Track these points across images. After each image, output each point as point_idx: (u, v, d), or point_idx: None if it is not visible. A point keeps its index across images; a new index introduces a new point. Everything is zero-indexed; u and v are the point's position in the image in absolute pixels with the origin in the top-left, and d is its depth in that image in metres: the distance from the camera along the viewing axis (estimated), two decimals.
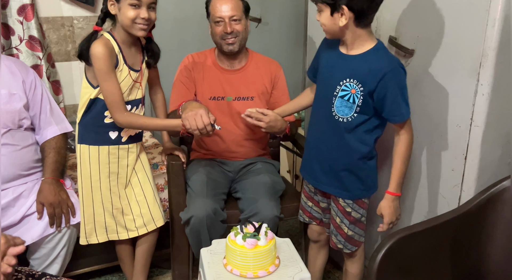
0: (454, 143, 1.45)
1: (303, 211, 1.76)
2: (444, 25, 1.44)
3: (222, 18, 1.78)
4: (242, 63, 1.92)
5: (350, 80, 1.41)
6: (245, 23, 1.84)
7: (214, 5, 1.80)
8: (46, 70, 2.39)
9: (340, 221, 1.57)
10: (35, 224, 1.64)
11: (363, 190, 1.54)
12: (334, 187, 1.55)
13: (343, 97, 1.43)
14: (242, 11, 1.81)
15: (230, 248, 1.35)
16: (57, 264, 1.72)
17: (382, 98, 1.38)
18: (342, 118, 1.45)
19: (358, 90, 1.40)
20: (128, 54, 1.63)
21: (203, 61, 1.92)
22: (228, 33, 1.78)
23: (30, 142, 1.71)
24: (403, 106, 1.39)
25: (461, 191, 1.45)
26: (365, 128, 1.45)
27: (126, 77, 1.61)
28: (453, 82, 1.43)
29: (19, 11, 2.27)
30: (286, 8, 3.01)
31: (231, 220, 1.79)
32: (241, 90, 1.89)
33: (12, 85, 1.67)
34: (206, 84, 1.89)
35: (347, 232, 1.57)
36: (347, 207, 1.55)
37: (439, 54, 1.47)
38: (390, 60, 1.39)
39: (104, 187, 1.70)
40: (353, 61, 1.41)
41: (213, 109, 1.83)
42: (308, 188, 1.70)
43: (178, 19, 2.77)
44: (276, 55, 3.08)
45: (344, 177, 1.52)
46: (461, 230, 1.38)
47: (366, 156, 1.49)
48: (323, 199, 1.66)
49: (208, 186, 1.73)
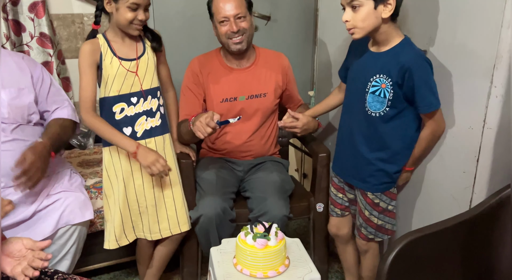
0: (466, 145, 1.44)
1: (334, 205, 1.77)
2: (457, 25, 1.42)
3: (226, 18, 1.75)
4: (251, 60, 1.90)
5: (380, 75, 1.46)
6: (250, 19, 1.81)
7: (216, 5, 1.77)
8: (57, 67, 2.40)
9: (369, 213, 1.60)
10: (46, 220, 1.66)
11: (392, 182, 1.58)
12: (363, 182, 1.59)
13: (374, 92, 1.48)
14: (245, 7, 1.78)
15: (240, 248, 1.35)
16: (67, 260, 1.73)
17: (410, 90, 1.43)
18: (375, 112, 1.50)
19: (388, 84, 1.45)
20: (120, 45, 1.67)
21: (210, 63, 1.89)
22: (235, 32, 1.76)
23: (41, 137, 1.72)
24: (429, 97, 1.43)
25: (472, 193, 1.44)
26: (400, 121, 1.50)
27: (118, 69, 1.65)
28: (466, 84, 1.42)
29: (30, 8, 2.28)
30: (295, 6, 3.00)
31: (240, 219, 1.79)
32: (253, 88, 1.88)
33: (21, 80, 1.69)
34: (216, 87, 1.87)
35: (377, 222, 1.60)
36: (375, 199, 1.58)
37: (451, 55, 1.46)
38: (415, 54, 1.43)
39: (129, 187, 1.72)
40: (381, 57, 1.47)
41: (226, 111, 1.84)
42: (337, 179, 1.73)
43: (187, 16, 2.77)
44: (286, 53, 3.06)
45: (375, 171, 1.55)
46: (472, 232, 1.37)
47: (400, 152, 1.54)
48: (350, 190, 1.71)
49: (217, 185, 1.73)
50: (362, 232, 1.64)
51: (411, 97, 1.45)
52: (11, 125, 1.61)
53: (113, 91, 1.66)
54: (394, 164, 1.56)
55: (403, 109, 1.48)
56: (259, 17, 2.96)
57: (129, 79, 1.67)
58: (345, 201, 1.75)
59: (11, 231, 1.61)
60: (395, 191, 1.62)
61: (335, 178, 1.74)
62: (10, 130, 1.61)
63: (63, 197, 1.69)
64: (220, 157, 1.94)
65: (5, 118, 1.60)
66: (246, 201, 1.84)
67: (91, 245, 1.94)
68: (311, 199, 1.92)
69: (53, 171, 1.77)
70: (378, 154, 1.54)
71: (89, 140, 2.41)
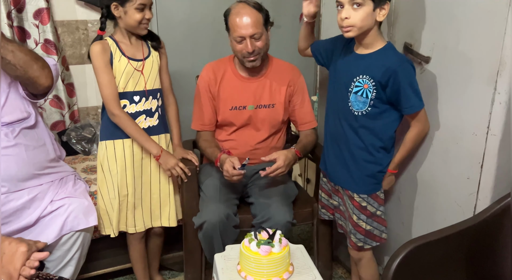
0: (470, 151, 1.44)
1: (325, 208, 1.80)
2: (461, 32, 1.43)
3: (242, 37, 1.72)
4: (263, 71, 1.88)
5: (363, 76, 1.51)
6: (266, 36, 1.78)
7: (233, 21, 1.72)
8: (61, 73, 2.42)
9: (357, 218, 1.61)
10: (50, 226, 1.65)
11: (377, 183, 1.61)
12: (349, 182, 1.61)
13: (356, 93, 1.53)
14: (262, 24, 1.73)
15: (244, 255, 1.35)
16: (71, 266, 1.73)
17: (394, 92, 1.47)
18: (357, 111, 1.54)
19: (370, 85, 1.49)
20: (128, 46, 1.74)
21: (223, 71, 1.88)
22: (250, 53, 1.74)
23: (44, 142, 1.72)
24: (413, 99, 1.47)
25: (476, 199, 1.44)
26: (382, 122, 1.53)
27: (126, 67, 1.72)
28: (469, 90, 1.42)
29: (35, 15, 2.30)
30: (298, 11, 2.99)
31: (243, 225, 1.79)
32: (262, 98, 1.87)
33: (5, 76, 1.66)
34: (226, 95, 1.87)
35: (366, 227, 1.61)
36: (363, 202, 1.59)
37: (455, 61, 1.46)
38: (399, 57, 1.49)
39: (122, 182, 1.78)
40: (365, 59, 1.52)
41: (234, 118, 1.85)
42: (327, 186, 1.76)
43: (191, 23, 2.78)
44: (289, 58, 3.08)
45: (360, 171, 1.58)
46: (477, 239, 1.37)
47: (382, 148, 1.57)
48: (335, 197, 1.73)
49: (221, 191, 1.73)
50: (352, 239, 1.65)
51: (395, 99, 1.49)
52: (14, 129, 1.61)
53: (119, 87, 1.74)
54: (376, 164, 1.59)
55: (385, 110, 1.52)
56: None
57: (134, 78, 1.75)
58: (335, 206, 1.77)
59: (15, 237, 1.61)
60: (382, 196, 1.63)
61: (326, 185, 1.77)
62: (14, 135, 1.61)
63: (67, 203, 1.69)
64: None
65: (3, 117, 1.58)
66: (250, 207, 1.84)
67: (95, 250, 1.94)
68: (314, 205, 1.92)
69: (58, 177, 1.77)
70: (362, 154, 1.57)
71: (93, 145, 2.42)
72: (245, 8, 1.71)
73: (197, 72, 2.22)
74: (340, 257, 2.26)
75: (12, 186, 1.60)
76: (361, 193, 1.60)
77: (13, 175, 1.59)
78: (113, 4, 1.65)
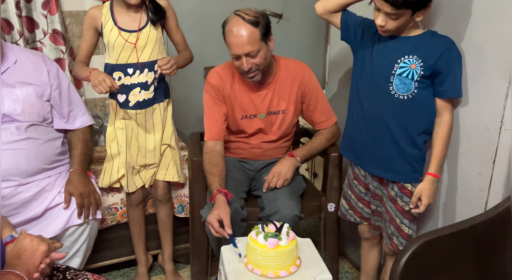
0: (482, 146, 1.42)
1: (354, 211, 1.76)
2: (474, 24, 1.40)
3: (238, 55, 1.62)
4: (271, 76, 1.77)
5: (409, 56, 1.44)
6: (266, 50, 1.64)
7: (227, 38, 1.62)
8: (69, 64, 2.41)
9: (400, 221, 1.57)
10: (57, 217, 1.66)
11: (418, 172, 1.53)
12: (394, 173, 1.55)
13: (401, 74, 1.45)
14: (259, 40, 1.60)
15: (252, 247, 1.34)
16: (78, 257, 1.74)
17: (442, 71, 1.41)
18: (402, 95, 1.46)
19: (418, 65, 1.43)
20: (123, 15, 1.72)
21: (231, 78, 1.77)
22: (247, 71, 1.65)
23: (53, 136, 1.73)
24: (458, 82, 1.42)
25: (488, 195, 1.42)
26: (428, 105, 1.47)
27: (117, 39, 1.70)
28: (482, 84, 1.40)
29: (43, 5, 2.29)
30: (308, 4, 2.97)
31: (250, 218, 1.78)
32: (272, 105, 1.79)
33: (37, 78, 1.69)
34: (236, 104, 1.78)
35: (408, 232, 1.57)
36: (406, 206, 1.54)
37: (468, 54, 1.43)
38: (447, 38, 1.43)
39: (121, 141, 1.83)
40: (410, 40, 1.46)
41: (245, 127, 1.81)
42: (358, 189, 1.71)
43: (199, 16, 2.76)
44: (297, 51, 3.08)
45: (406, 157, 1.51)
46: (487, 235, 1.35)
47: (425, 133, 1.51)
48: (374, 201, 1.68)
49: (229, 185, 1.72)
50: (394, 241, 1.61)
51: (441, 79, 1.42)
52: (25, 124, 1.62)
53: (111, 59, 1.74)
54: (420, 150, 1.52)
55: (427, 94, 1.46)
56: (270, 15, 2.94)
57: (126, 50, 1.72)
58: (365, 212, 1.74)
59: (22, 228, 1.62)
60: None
61: (356, 188, 1.71)
62: (24, 129, 1.61)
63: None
64: (232, 156, 1.93)
65: (19, 115, 1.60)
66: (257, 200, 1.83)
67: (102, 241, 1.95)
68: (322, 198, 1.90)
69: (66, 169, 1.77)
70: (404, 139, 1.50)
71: (100, 137, 2.42)
72: (239, 25, 1.58)
73: (205, 64, 2.21)
74: (346, 252, 2.25)
75: (21, 180, 1.60)
76: (406, 182, 1.53)
77: (23, 169, 1.60)
78: None
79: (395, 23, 1.39)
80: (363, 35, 1.58)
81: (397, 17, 1.37)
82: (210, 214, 1.51)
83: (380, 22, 1.40)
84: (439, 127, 1.47)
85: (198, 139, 2.06)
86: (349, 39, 1.63)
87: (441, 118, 1.47)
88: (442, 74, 1.42)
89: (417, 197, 1.50)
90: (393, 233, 1.60)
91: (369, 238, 1.82)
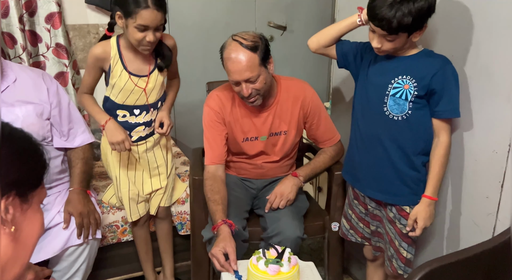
0: (490, 169, 1.38)
1: (355, 231, 1.73)
2: (480, 44, 1.37)
3: (237, 81, 1.58)
4: (272, 98, 1.73)
5: (403, 76, 1.42)
6: (265, 75, 1.60)
7: (226, 64, 1.59)
8: (72, 77, 2.41)
9: (398, 244, 1.54)
10: (57, 237, 1.63)
11: (416, 194, 1.49)
12: (393, 195, 1.52)
13: (395, 95, 1.43)
14: (258, 65, 1.56)
15: (252, 274, 1.31)
16: (77, 277, 1.71)
17: (437, 91, 1.38)
18: (397, 116, 1.44)
19: (411, 85, 1.40)
20: (132, 60, 1.67)
21: (231, 101, 1.73)
22: (247, 97, 1.61)
23: (53, 155, 1.70)
24: (455, 102, 1.39)
25: (496, 220, 1.38)
26: (424, 125, 1.44)
27: (127, 82, 1.67)
28: (489, 105, 1.36)
29: (46, 19, 2.28)
30: (312, 16, 2.96)
31: (252, 238, 1.75)
32: (274, 126, 1.75)
33: (37, 97, 1.67)
34: (237, 127, 1.74)
35: (406, 256, 1.53)
36: (404, 229, 1.51)
37: (474, 75, 1.40)
38: (442, 57, 1.41)
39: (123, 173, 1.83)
40: (405, 60, 1.43)
41: (247, 149, 1.78)
42: (358, 209, 1.68)
43: (202, 27, 2.76)
44: (301, 63, 3.05)
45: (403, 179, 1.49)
46: (496, 262, 1.31)
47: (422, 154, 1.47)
48: (373, 222, 1.65)
49: (230, 205, 1.69)
50: (394, 264, 1.57)
51: (436, 99, 1.39)
52: None
53: (117, 99, 1.71)
54: (418, 172, 1.48)
55: (423, 115, 1.43)
56: (274, 27, 2.93)
57: (135, 94, 1.70)
58: (366, 232, 1.71)
59: None
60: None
61: (357, 208, 1.68)
62: None
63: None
64: (233, 174, 1.90)
65: None
66: (259, 219, 1.80)
67: (102, 259, 1.93)
68: (326, 218, 1.87)
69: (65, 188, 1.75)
70: (401, 161, 1.47)
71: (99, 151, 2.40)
72: (237, 51, 1.55)
73: (208, 78, 2.19)
74: (351, 270, 2.21)
75: None
76: (404, 204, 1.50)
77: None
78: (117, 13, 1.57)
79: (391, 45, 1.37)
80: (362, 57, 1.57)
81: (393, 39, 1.35)
82: (216, 247, 1.46)
83: (376, 45, 1.38)
84: (435, 148, 1.44)
85: (200, 155, 2.04)
86: (349, 65, 1.62)
87: (438, 139, 1.44)
88: (437, 94, 1.39)
89: (413, 219, 1.46)
90: (393, 255, 1.57)
91: (373, 259, 1.78)
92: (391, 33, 1.32)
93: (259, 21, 2.88)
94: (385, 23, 1.30)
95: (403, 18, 1.28)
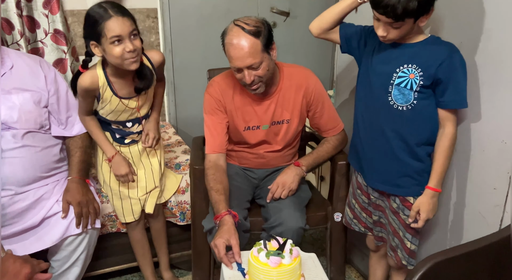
0: (498, 160, 1.34)
1: (358, 220, 1.71)
2: (491, 31, 1.32)
3: (239, 68, 1.54)
4: (274, 86, 1.69)
5: (408, 65, 1.37)
6: (268, 61, 1.56)
7: (227, 51, 1.54)
8: (71, 64, 2.36)
9: (402, 235, 1.51)
10: (55, 226, 1.62)
11: (420, 185, 1.46)
12: (396, 186, 1.49)
13: (399, 84, 1.39)
14: (261, 51, 1.52)
15: (253, 265, 1.29)
16: (77, 267, 1.70)
17: (443, 81, 1.33)
18: (401, 106, 1.40)
19: (417, 75, 1.36)
20: (121, 85, 1.64)
21: (232, 89, 1.70)
22: (249, 84, 1.57)
23: (51, 144, 1.68)
24: (462, 91, 1.34)
25: (503, 212, 1.34)
26: (429, 115, 1.40)
27: (118, 105, 1.66)
28: (499, 93, 1.32)
29: (44, 4, 2.23)
30: (315, 1, 2.90)
31: (254, 228, 1.72)
32: (276, 115, 1.71)
33: (34, 84, 1.63)
34: (238, 115, 1.71)
35: (410, 247, 1.51)
36: (407, 220, 1.48)
37: (484, 62, 1.35)
38: (449, 45, 1.36)
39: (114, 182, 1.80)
40: (410, 47, 1.38)
41: (248, 138, 1.75)
42: (361, 198, 1.65)
43: (203, 16, 2.70)
44: (305, 50, 3.00)
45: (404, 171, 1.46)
46: (502, 255, 1.28)
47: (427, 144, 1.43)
48: (376, 212, 1.62)
49: (232, 195, 1.66)
50: (398, 254, 1.54)
51: (442, 89, 1.35)
52: (22, 131, 1.57)
53: (109, 117, 1.71)
54: (422, 162, 1.45)
55: (429, 104, 1.39)
56: (277, 13, 2.87)
57: (127, 112, 1.70)
58: (369, 222, 1.68)
59: (19, 238, 1.58)
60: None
61: (360, 197, 1.66)
62: (21, 136, 1.56)
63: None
64: (235, 164, 1.87)
65: (15, 122, 1.55)
66: (261, 209, 1.78)
67: (102, 248, 1.91)
68: (328, 208, 1.84)
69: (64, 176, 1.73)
70: (405, 152, 1.44)
71: None
72: (239, 36, 1.50)
73: (209, 65, 2.15)
74: (353, 260, 2.19)
75: (18, 189, 1.57)
76: (407, 195, 1.47)
77: (19, 178, 1.55)
78: (91, 43, 1.52)
79: (397, 32, 1.32)
80: (366, 43, 1.52)
81: (399, 26, 1.30)
82: (220, 238, 1.43)
83: (381, 33, 1.33)
84: (440, 139, 1.40)
85: (200, 144, 2.00)
86: (352, 50, 1.57)
87: (443, 130, 1.40)
88: (443, 83, 1.34)
89: (416, 211, 1.44)
90: (398, 245, 1.55)
91: (376, 249, 1.76)
92: (397, 20, 1.27)
93: (261, 6, 2.82)
94: (390, 10, 1.25)
95: (408, 3, 1.23)
